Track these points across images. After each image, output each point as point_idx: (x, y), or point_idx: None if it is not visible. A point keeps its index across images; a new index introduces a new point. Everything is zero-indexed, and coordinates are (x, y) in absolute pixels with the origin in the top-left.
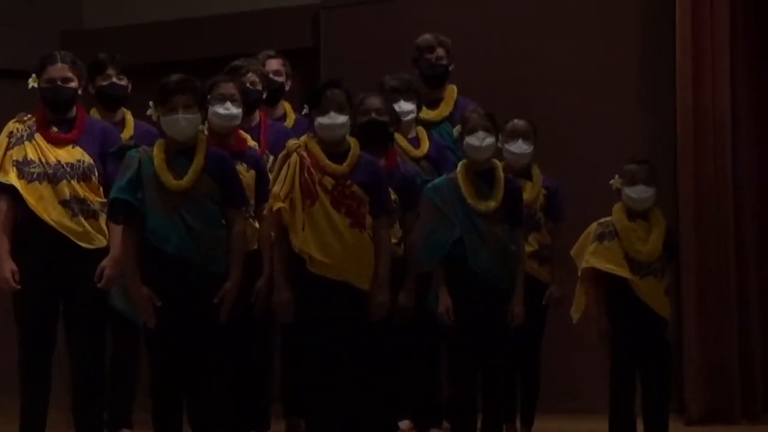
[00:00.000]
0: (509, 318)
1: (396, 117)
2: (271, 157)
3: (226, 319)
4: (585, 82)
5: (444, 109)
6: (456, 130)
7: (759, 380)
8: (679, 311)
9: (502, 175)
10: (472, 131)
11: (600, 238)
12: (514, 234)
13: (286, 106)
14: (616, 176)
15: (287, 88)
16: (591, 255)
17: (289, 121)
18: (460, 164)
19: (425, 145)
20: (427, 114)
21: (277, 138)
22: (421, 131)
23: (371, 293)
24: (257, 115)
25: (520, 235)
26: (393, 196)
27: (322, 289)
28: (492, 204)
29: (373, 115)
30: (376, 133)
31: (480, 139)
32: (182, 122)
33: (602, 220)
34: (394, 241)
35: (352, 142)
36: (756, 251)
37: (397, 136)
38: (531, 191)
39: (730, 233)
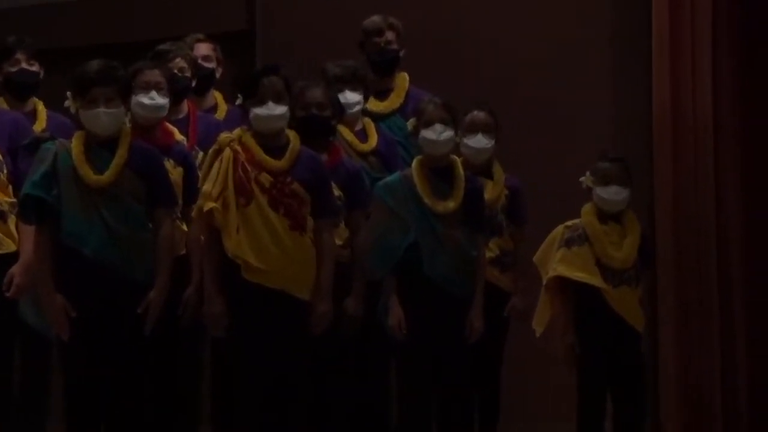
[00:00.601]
0: (467, 332)
1: (339, 108)
2: (201, 153)
3: (151, 331)
4: (552, 69)
5: (394, 101)
6: (410, 123)
7: (743, 399)
8: (654, 323)
9: (462, 172)
10: (428, 124)
11: (568, 243)
12: (474, 238)
13: (216, 95)
14: (587, 173)
15: (218, 75)
16: (559, 262)
17: (220, 113)
18: (415, 160)
19: (373, 139)
20: (375, 105)
21: (207, 131)
22: (369, 124)
23: (312, 303)
24: (185, 106)
25: (481, 240)
26: (337, 193)
27: (257, 299)
28: (451, 204)
29: (314, 110)
30: (316, 130)
31: (437, 133)
32: (103, 117)
33: (569, 222)
34: (339, 243)
35: (292, 135)
36: (740, 256)
37: (343, 129)
38: (492, 191)
39: (711, 237)
